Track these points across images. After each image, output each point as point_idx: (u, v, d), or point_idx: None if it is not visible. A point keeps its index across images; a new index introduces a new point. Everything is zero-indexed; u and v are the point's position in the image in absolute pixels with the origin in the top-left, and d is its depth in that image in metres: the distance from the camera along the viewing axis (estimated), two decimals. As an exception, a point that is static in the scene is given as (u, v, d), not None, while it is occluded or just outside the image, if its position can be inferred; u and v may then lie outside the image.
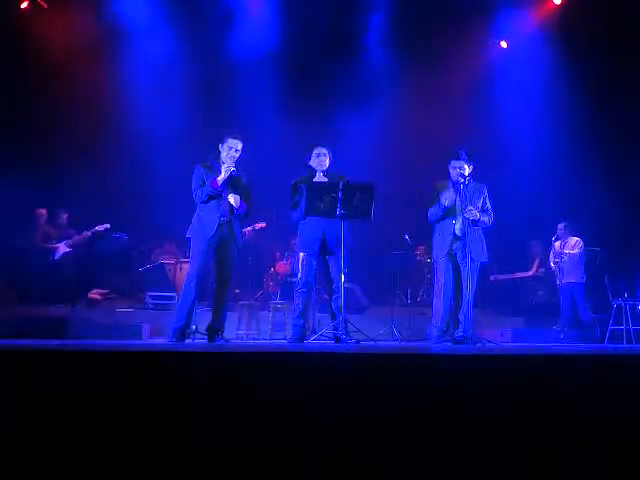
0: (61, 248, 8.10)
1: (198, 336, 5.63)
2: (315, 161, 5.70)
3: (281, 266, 8.96)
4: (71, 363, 2.57)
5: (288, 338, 6.15)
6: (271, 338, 7.59)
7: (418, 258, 9.21)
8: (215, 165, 5.41)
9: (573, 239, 8.23)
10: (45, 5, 9.17)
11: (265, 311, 8.10)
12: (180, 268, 8.58)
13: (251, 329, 7.84)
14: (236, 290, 8.16)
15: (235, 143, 5.40)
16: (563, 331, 7.68)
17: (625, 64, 9.03)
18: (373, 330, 6.55)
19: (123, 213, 8.98)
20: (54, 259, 8.11)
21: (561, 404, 2.56)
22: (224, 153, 5.39)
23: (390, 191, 8.02)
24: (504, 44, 10.41)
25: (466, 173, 5.69)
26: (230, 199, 5.28)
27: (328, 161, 5.70)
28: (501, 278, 9.23)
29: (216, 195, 5.29)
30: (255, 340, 7.57)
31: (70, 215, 8.59)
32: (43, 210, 8.30)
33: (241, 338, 7.59)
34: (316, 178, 5.67)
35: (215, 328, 5.39)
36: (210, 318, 5.47)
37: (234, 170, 5.27)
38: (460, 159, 5.73)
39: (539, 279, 9.01)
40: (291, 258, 8.62)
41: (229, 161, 5.34)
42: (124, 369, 2.54)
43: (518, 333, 7.54)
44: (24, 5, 9.10)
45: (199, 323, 5.62)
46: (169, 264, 8.83)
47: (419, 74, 9.69)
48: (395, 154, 9.72)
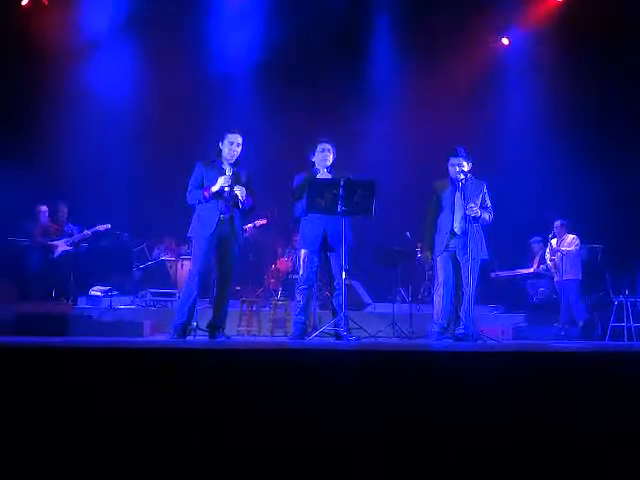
0: (60, 246, 8.09)
1: (199, 333, 5.63)
2: (319, 157, 5.68)
3: (282, 263, 8.96)
4: (71, 360, 2.56)
5: (289, 335, 6.15)
6: (272, 335, 7.60)
7: (419, 255, 9.20)
8: (217, 162, 5.40)
9: (569, 236, 8.24)
10: (45, 1, 9.18)
11: (266, 308, 8.11)
12: (181, 265, 8.60)
13: (252, 326, 7.84)
14: (237, 287, 8.17)
15: (235, 137, 5.39)
16: (564, 328, 7.69)
17: (625, 62, 9.02)
18: (374, 327, 6.56)
19: (124, 210, 8.99)
20: (53, 257, 8.10)
21: (562, 401, 2.56)
22: (225, 149, 5.38)
23: (392, 188, 8.02)
24: (505, 41, 10.41)
25: (465, 170, 5.68)
26: (236, 191, 5.25)
27: (332, 157, 5.69)
28: (502, 275, 9.22)
29: (215, 194, 5.28)
30: (256, 337, 7.57)
31: (70, 209, 8.57)
32: (44, 206, 8.28)
33: (242, 335, 7.60)
34: (319, 175, 5.66)
35: (216, 325, 5.38)
36: (211, 315, 5.47)
37: (229, 188, 5.24)
38: (459, 156, 5.72)
39: (540, 276, 9.01)
40: (292, 255, 8.62)
41: (228, 160, 5.35)
42: (125, 366, 2.54)
43: (519, 330, 7.54)
44: (25, 1, 9.10)
45: (200, 320, 5.63)
46: (170, 261, 8.84)
47: (421, 73, 9.71)
48: (397, 151, 9.72)
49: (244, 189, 5.28)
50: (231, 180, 5.24)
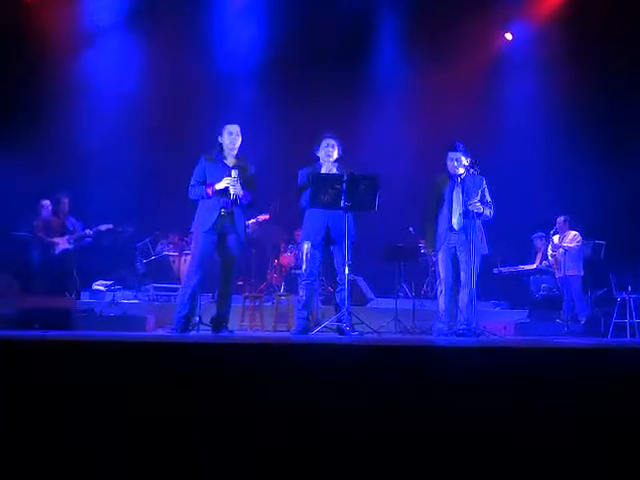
0: (62, 244, 8.06)
1: (202, 327, 5.64)
2: (323, 152, 5.68)
3: (285, 258, 8.97)
4: (73, 355, 2.57)
5: (292, 330, 6.16)
6: (275, 330, 7.61)
7: (422, 251, 9.20)
8: (219, 158, 5.41)
9: (571, 233, 8.23)
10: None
11: (269, 303, 8.12)
12: (184, 260, 8.60)
13: (255, 321, 7.85)
14: (240, 282, 8.18)
15: (233, 127, 5.41)
16: (567, 324, 7.69)
17: (630, 57, 8.99)
18: (377, 322, 6.56)
19: (128, 203, 9.00)
20: (54, 253, 8.10)
21: (564, 397, 2.56)
22: (226, 141, 5.39)
23: (395, 183, 8.01)
24: (509, 36, 10.38)
25: (464, 164, 5.66)
26: (232, 190, 5.25)
27: (336, 152, 5.68)
28: (505, 271, 9.22)
29: (218, 192, 5.28)
30: (259, 332, 7.58)
31: (74, 202, 8.56)
32: (46, 201, 8.27)
33: (245, 330, 7.60)
34: (324, 169, 5.66)
35: (219, 320, 5.39)
36: (214, 310, 5.48)
37: (235, 193, 5.24)
38: (457, 150, 5.71)
39: (543, 272, 9.00)
40: (295, 250, 8.62)
41: (231, 151, 5.37)
42: (128, 360, 2.54)
43: (521, 326, 7.54)
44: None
45: (203, 315, 5.64)
46: (173, 256, 8.86)
47: (425, 68, 9.70)
48: (401, 147, 9.72)
49: (239, 186, 5.26)
50: (236, 181, 5.25)
